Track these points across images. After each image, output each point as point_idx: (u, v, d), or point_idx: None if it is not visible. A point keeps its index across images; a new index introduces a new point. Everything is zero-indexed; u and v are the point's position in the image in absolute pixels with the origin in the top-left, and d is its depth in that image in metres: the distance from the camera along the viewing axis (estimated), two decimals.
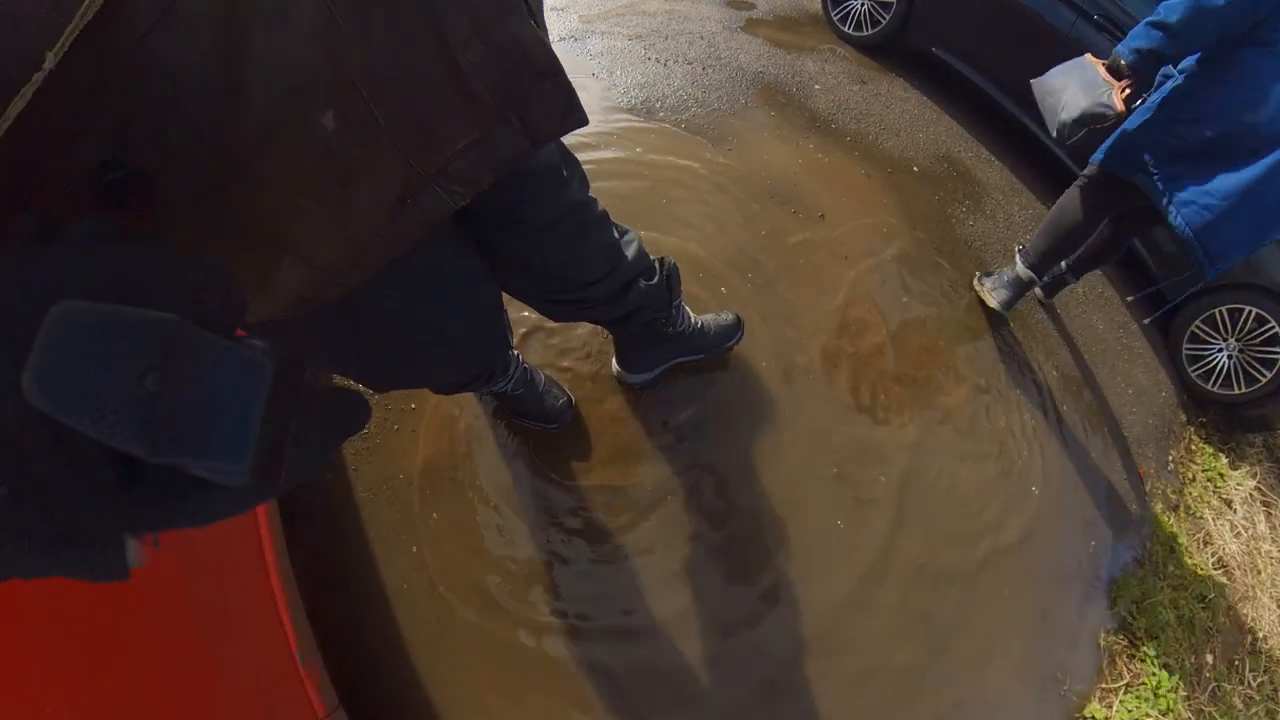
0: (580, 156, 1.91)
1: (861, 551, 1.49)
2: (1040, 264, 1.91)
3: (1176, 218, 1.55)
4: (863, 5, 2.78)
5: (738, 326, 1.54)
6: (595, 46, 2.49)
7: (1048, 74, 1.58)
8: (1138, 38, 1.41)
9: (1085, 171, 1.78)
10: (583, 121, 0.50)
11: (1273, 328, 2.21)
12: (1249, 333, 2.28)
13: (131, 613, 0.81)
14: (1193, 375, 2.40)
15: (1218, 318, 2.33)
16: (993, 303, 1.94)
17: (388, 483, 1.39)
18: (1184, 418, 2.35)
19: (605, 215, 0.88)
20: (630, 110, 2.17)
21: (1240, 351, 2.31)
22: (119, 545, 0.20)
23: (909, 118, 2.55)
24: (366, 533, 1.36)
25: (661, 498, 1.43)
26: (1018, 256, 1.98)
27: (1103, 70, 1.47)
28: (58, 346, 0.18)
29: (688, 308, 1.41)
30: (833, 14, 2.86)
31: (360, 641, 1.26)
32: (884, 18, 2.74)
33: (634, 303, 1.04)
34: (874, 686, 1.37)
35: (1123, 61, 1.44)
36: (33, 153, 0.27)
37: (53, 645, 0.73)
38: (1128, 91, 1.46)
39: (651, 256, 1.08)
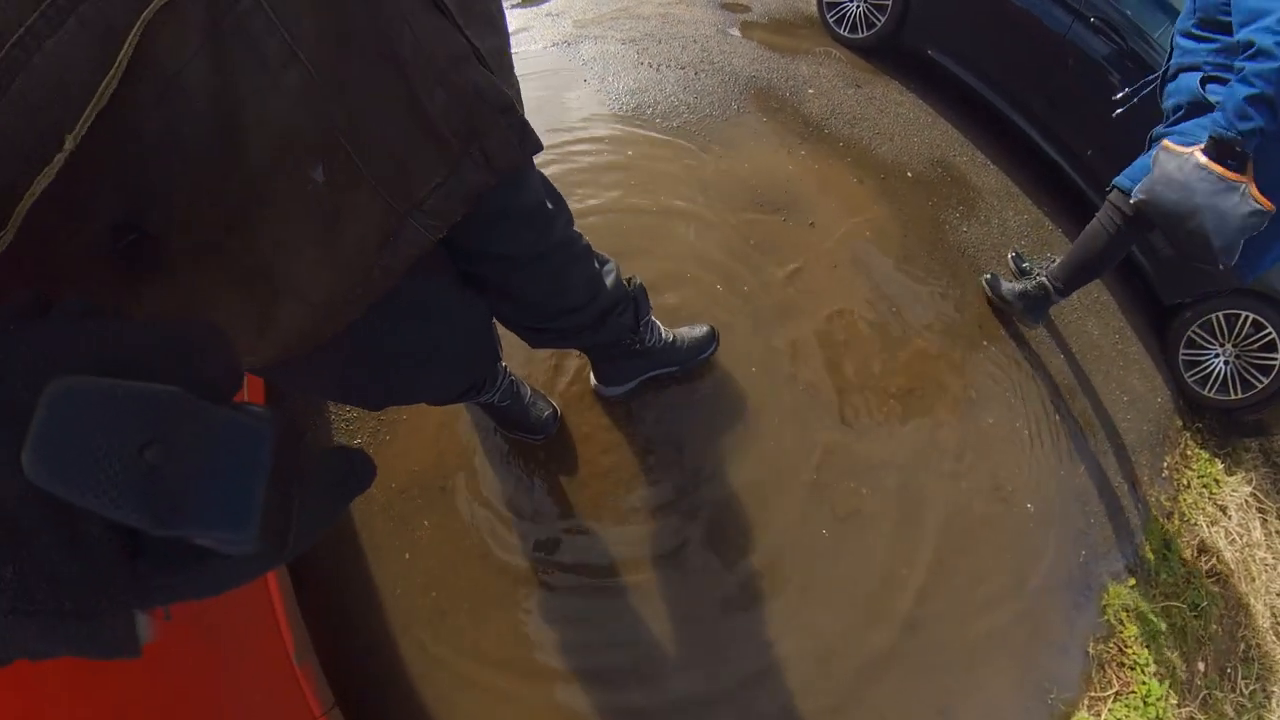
0: (569, 164, 1.93)
1: (848, 562, 1.49)
2: (1068, 287, 1.92)
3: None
4: (858, 7, 2.76)
5: (711, 338, 1.54)
6: (588, 52, 2.48)
7: (1154, 193, 1.56)
8: (1250, 117, 1.37)
9: (1122, 205, 1.73)
10: (538, 148, 0.55)
11: (1269, 334, 2.20)
12: (1245, 338, 2.26)
13: None
14: (1189, 380, 2.39)
15: (1214, 323, 2.32)
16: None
17: (381, 491, 1.41)
18: (1180, 423, 2.34)
19: (589, 248, 0.92)
20: (621, 117, 2.17)
21: (1237, 357, 2.30)
22: (129, 620, 0.20)
23: (903, 122, 2.54)
24: (360, 537, 1.38)
25: (646, 507, 1.44)
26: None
27: (1215, 166, 1.46)
28: (56, 423, 0.18)
29: (658, 322, 1.42)
30: (828, 16, 2.85)
31: (354, 644, 1.29)
32: (879, 20, 2.72)
33: (609, 333, 1.09)
34: (860, 698, 1.38)
35: (1239, 148, 1.41)
36: (49, 223, 0.29)
37: None
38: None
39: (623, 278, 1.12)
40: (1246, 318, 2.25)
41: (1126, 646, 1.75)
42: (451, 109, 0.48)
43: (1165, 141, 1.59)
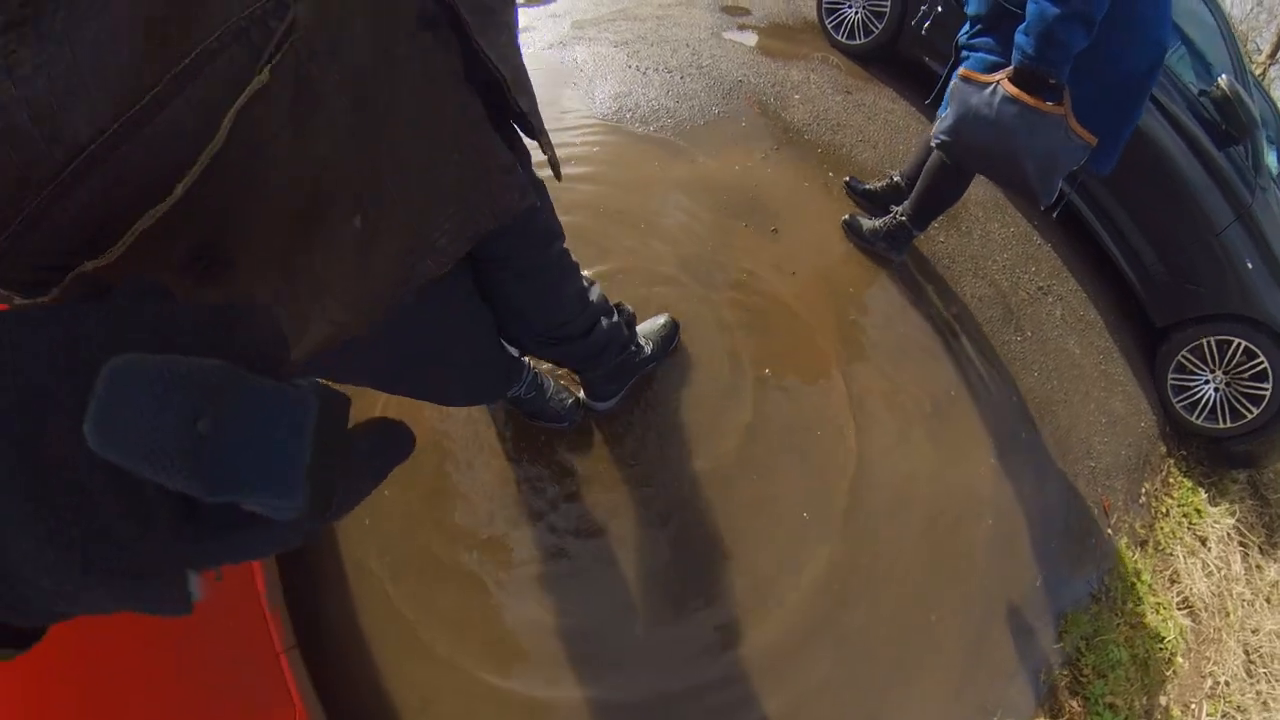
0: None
1: (792, 564, 1.48)
2: (920, 221, 1.87)
3: None
4: (857, 13, 2.74)
5: (674, 327, 1.62)
6: (580, 54, 2.51)
7: (961, 134, 1.45)
8: (1061, 43, 1.22)
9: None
10: (534, 205, 0.67)
11: (1261, 362, 2.12)
12: (1237, 366, 2.19)
13: None
14: (1177, 406, 2.32)
15: (1205, 348, 2.24)
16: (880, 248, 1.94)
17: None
18: (1164, 449, 2.27)
19: (577, 265, 1.05)
20: (601, 120, 2.19)
21: (1227, 385, 2.22)
22: (182, 580, 0.22)
23: (891, 129, 2.51)
24: None
25: (615, 489, 1.46)
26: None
27: (1027, 98, 1.31)
28: (114, 397, 0.19)
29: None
30: (827, 21, 2.82)
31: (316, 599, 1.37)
32: (876, 27, 2.69)
33: (599, 341, 1.19)
34: (796, 712, 1.37)
35: (1052, 80, 1.28)
36: (143, 244, 0.35)
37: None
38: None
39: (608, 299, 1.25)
40: (1239, 345, 2.17)
41: (1083, 676, 1.70)
42: (465, 169, 0.59)
43: (962, 69, 1.42)
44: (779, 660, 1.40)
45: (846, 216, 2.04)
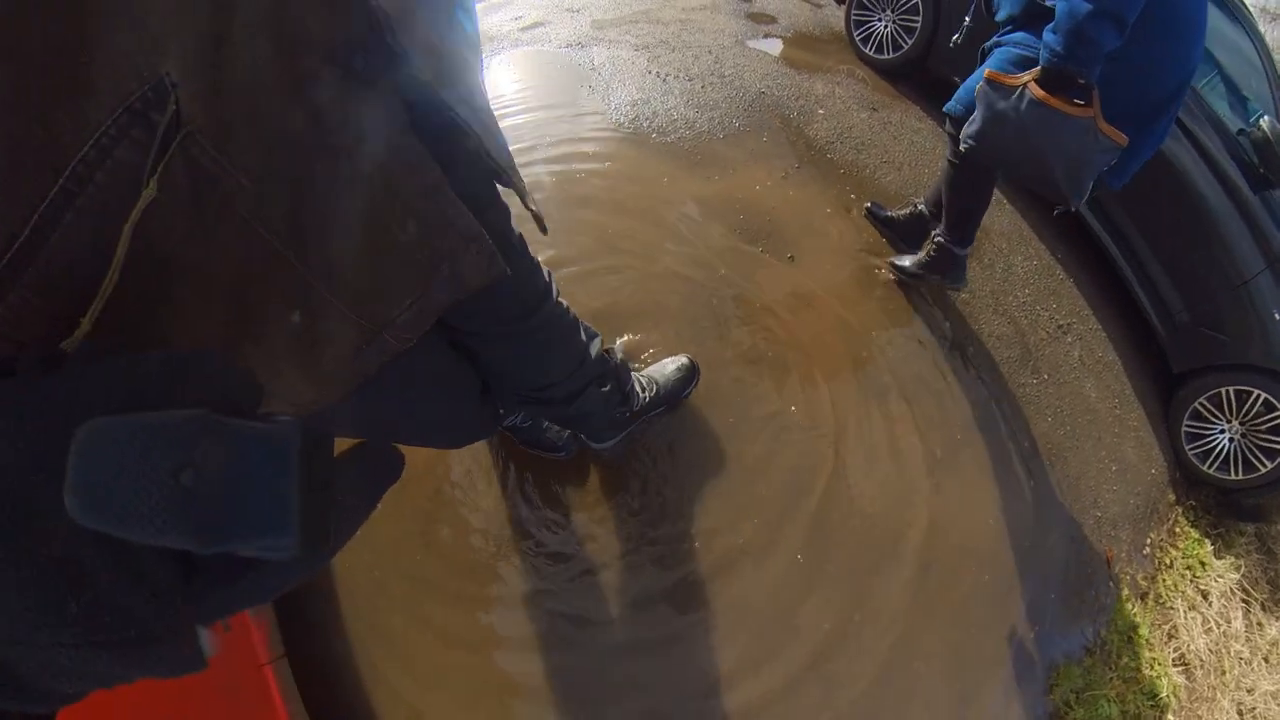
0: (552, 174, 1.90)
1: (786, 609, 1.46)
2: (960, 239, 1.80)
3: None
4: (886, 27, 2.65)
5: (692, 371, 1.54)
6: (599, 56, 2.44)
7: (986, 138, 1.40)
8: (1091, 40, 1.17)
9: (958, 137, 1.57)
10: (504, 273, 0.59)
11: None
12: (1255, 417, 2.13)
13: None
14: (1189, 453, 2.27)
15: (1223, 397, 2.19)
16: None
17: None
18: (1173, 497, 2.22)
19: (575, 321, 0.95)
20: (616, 128, 2.13)
21: (1243, 436, 2.17)
22: (193, 637, 0.22)
23: (916, 150, 2.43)
24: None
25: (609, 505, 1.43)
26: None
27: (1055, 100, 1.27)
28: (91, 463, 0.18)
29: (638, 377, 1.41)
30: (855, 34, 2.73)
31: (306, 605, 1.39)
32: (906, 42, 2.60)
33: (584, 407, 1.08)
34: None
35: (1081, 80, 1.24)
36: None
37: None
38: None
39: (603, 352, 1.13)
40: (1259, 396, 2.11)
41: None
42: (422, 238, 0.52)
43: (988, 70, 1.36)
44: (766, 705, 1.38)
45: (891, 259, 1.97)
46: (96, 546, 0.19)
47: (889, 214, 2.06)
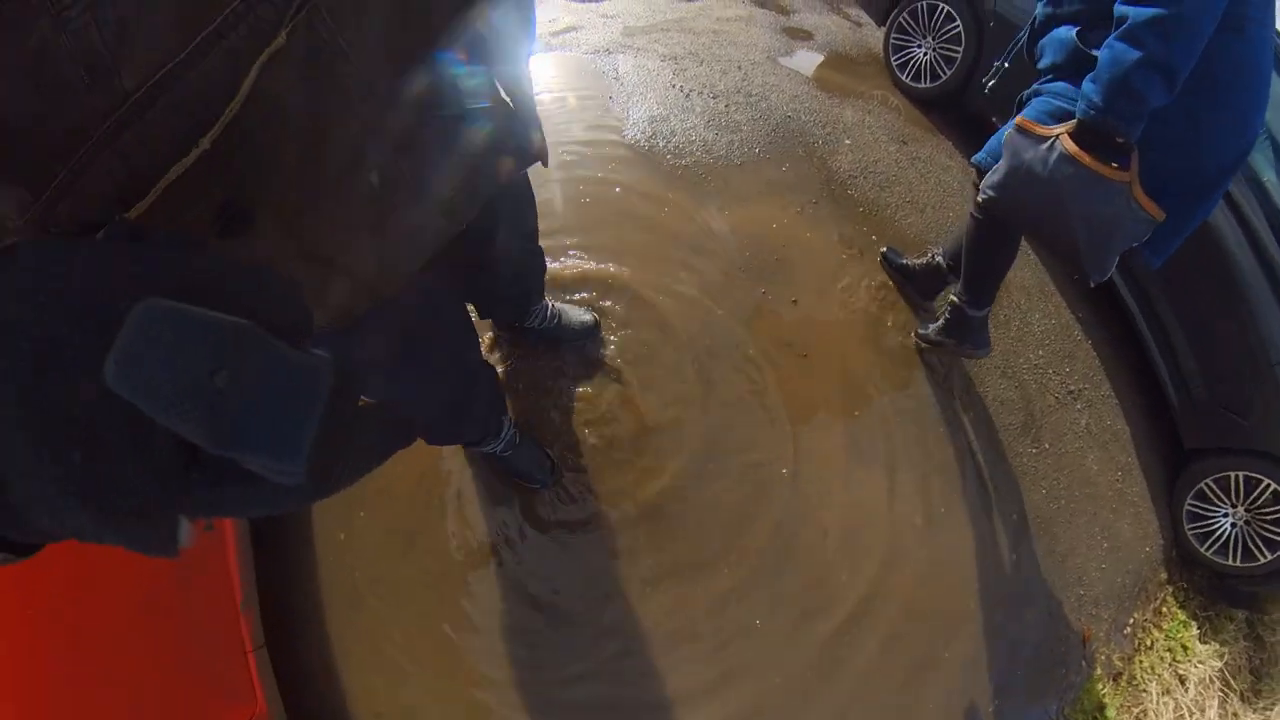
0: (561, 185, 1.85)
1: (735, 663, 1.46)
2: (978, 300, 1.67)
3: None
4: (926, 55, 2.52)
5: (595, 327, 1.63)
6: (624, 65, 2.37)
7: (1008, 192, 1.30)
8: (1136, 94, 1.04)
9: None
10: (543, 153, 0.71)
11: None
12: (1262, 506, 2.05)
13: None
14: (1189, 532, 2.20)
15: (1232, 481, 2.10)
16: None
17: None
18: (1165, 576, 2.17)
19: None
20: (631, 145, 2.07)
21: (1247, 523, 2.09)
22: (173, 524, 0.22)
23: (942, 191, 2.33)
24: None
25: (596, 527, 1.44)
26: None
27: (1088, 159, 1.13)
28: (140, 338, 0.20)
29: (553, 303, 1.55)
30: (893, 59, 2.61)
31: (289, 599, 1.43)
32: (945, 72, 2.48)
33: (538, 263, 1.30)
34: None
35: (1120, 138, 1.10)
36: (172, 198, 0.37)
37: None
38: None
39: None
40: (1268, 485, 2.03)
41: None
42: (471, 134, 0.60)
43: (1020, 118, 1.24)
44: None
45: (918, 329, 1.90)
46: (116, 414, 0.20)
47: (905, 262, 1.98)
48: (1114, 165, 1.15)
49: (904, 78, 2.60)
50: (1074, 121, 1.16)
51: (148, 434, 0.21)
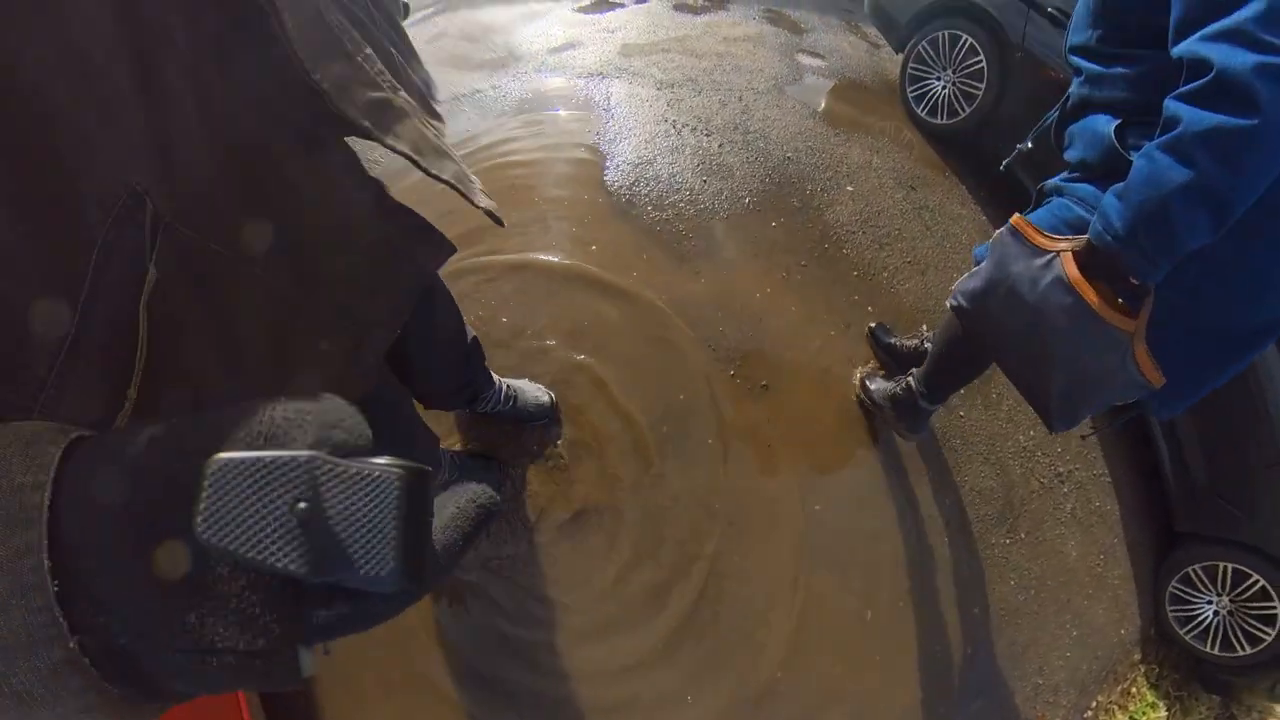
0: (529, 232, 1.75)
1: None
2: (933, 393, 1.54)
3: None
4: (945, 88, 2.32)
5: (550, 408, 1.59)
6: (616, 92, 2.23)
7: (982, 305, 1.11)
8: (1171, 224, 0.78)
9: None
10: (451, 249, 0.70)
11: (1275, 608, 1.92)
12: (1248, 600, 1.98)
13: None
14: (1169, 614, 2.15)
15: (1220, 571, 2.03)
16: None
17: None
18: (1138, 656, 2.13)
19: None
20: (607, 190, 1.96)
21: (1230, 613, 2.03)
22: (295, 656, 0.24)
23: (947, 248, 2.19)
24: None
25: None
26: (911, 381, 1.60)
27: (1091, 293, 0.91)
28: (219, 492, 0.21)
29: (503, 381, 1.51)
30: (909, 90, 2.41)
31: None
32: (964, 109, 2.29)
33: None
34: None
35: (1136, 278, 0.87)
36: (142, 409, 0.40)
37: None
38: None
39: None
40: (1258, 582, 1.96)
41: None
42: (391, 238, 0.62)
43: (1019, 217, 1.03)
44: None
45: (864, 369, 1.83)
46: (217, 565, 0.22)
47: (893, 341, 1.87)
48: (1119, 302, 0.92)
49: (919, 111, 2.41)
50: (1083, 239, 0.92)
51: (253, 578, 0.22)
